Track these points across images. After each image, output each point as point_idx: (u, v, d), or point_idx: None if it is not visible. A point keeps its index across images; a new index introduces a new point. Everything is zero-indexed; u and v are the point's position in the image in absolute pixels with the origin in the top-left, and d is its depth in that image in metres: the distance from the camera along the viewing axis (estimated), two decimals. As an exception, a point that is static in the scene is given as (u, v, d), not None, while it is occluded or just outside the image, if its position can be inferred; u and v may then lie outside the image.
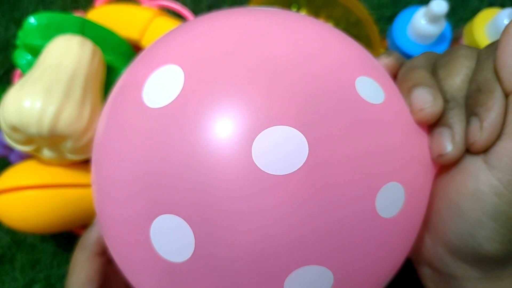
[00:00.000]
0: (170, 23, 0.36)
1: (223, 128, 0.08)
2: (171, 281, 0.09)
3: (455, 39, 0.38)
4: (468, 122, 0.18)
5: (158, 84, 0.09)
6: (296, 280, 0.08)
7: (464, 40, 0.36)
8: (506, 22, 0.33)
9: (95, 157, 0.11)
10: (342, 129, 0.09)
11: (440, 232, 0.19)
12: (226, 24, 0.10)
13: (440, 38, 0.35)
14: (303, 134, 0.08)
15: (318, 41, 0.10)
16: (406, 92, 0.18)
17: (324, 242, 0.08)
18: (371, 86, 0.10)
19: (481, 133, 0.17)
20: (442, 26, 0.33)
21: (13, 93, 0.25)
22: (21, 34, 0.32)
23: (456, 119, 0.18)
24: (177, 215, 0.08)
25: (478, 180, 0.17)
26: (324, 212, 0.08)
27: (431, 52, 0.21)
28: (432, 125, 0.18)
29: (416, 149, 0.12)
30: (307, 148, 0.08)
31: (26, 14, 0.43)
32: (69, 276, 0.22)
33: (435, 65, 0.20)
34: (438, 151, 0.18)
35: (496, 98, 0.17)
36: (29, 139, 0.27)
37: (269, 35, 0.09)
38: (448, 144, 0.17)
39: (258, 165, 0.08)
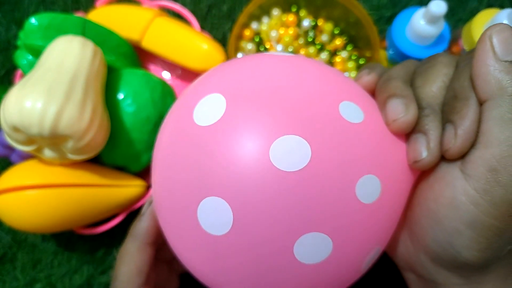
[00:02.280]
0: (170, 24, 0.36)
1: (252, 138, 0.12)
2: (213, 251, 0.12)
3: (454, 40, 0.38)
4: (443, 128, 0.18)
5: (206, 108, 0.12)
6: (303, 243, 0.12)
7: (463, 41, 0.36)
8: (505, 22, 0.33)
9: (156, 161, 0.14)
10: (331, 139, 0.12)
11: (420, 240, 0.19)
12: (257, 65, 0.13)
13: (439, 38, 0.35)
14: (307, 142, 0.12)
15: (317, 79, 0.14)
16: (382, 104, 0.19)
17: (322, 215, 0.12)
18: (352, 109, 0.13)
19: (455, 140, 0.17)
20: (441, 27, 0.34)
21: (15, 93, 0.25)
22: (22, 34, 0.32)
23: (432, 125, 0.18)
24: (220, 197, 0.11)
25: (455, 189, 0.17)
26: (321, 195, 0.12)
27: (411, 61, 0.21)
28: (410, 132, 0.18)
29: (392, 153, 0.15)
30: (310, 152, 0.12)
31: (27, 14, 0.43)
32: (118, 264, 0.22)
33: (415, 73, 0.20)
34: (413, 157, 0.18)
35: (471, 105, 0.17)
36: (30, 139, 0.27)
37: (285, 75, 0.13)
38: (423, 151, 0.18)
39: (274, 164, 0.11)
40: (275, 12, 0.40)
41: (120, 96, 0.31)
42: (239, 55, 0.38)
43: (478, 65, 0.17)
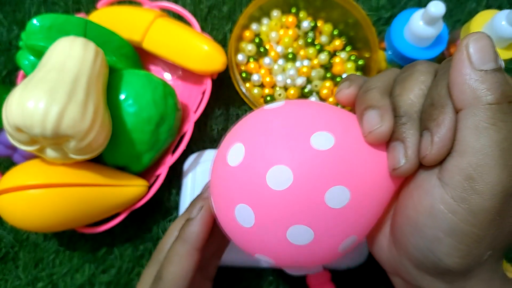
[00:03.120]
0: (171, 25, 0.36)
1: (256, 170, 0.18)
2: (246, 236, 0.19)
3: (452, 41, 0.38)
4: (421, 136, 0.18)
5: (234, 154, 0.19)
6: (292, 230, 0.18)
7: (461, 42, 0.36)
8: (503, 23, 0.33)
9: (211, 182, 0.21)
10: (305, 165, 0.17)
11: (403, 246, 0.20)
12: (261, 120, 0.19)
13: (437, 40, 0.35)
14: (290, 169, 0.17)
15: (298, 119, 0.18)
16: (360, 116, 0.20)
17: (303, 214, 0.17)
18: (323, 138, 0.18)
19: (431, 147, 0.17)
20: (440, 28, 0.34)
21: (17, 94, 0.26)
22: (24, 35, 0.32)
23: (409, 133, 0.18)
24: (246, 204, 0.18)
25: (433, 198, 0.18)
26: (300, 203, 0.17)
27: (392, 69, 0.21)
28: (389, 141, 0.19)
29: (365, 165, 0.18)
30: (292, 177, 0.17)
31: (28, 15, 0.44)
32: (166, 263, 0.23)
33: (394, 81, 0.20)
34: (392, 165, 0.19)
35: (447, 113, 0.17)
36: (32, 140, 0.27)
37: (276, 123, 0.18)
38: (402, 158, 0.18)
39: (268, 185, 0.17)
40: (275, 13, 0.40)
41: (122, 96, 0.32)
42: (239, 56, 0.38)
43: (455, 74, 0.17)
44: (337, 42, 0.40)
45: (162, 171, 0.35)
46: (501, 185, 0.16)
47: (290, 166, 0.17)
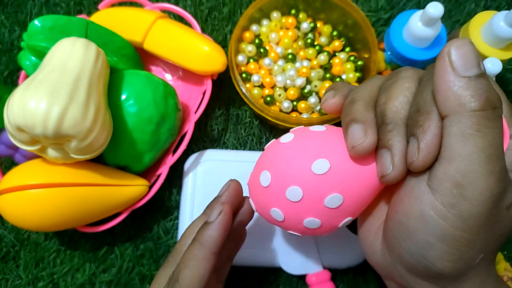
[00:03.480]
0: (172, 26, 0.36)
1: (281, 189, 0.23)
2: (280, 224, 0.25)
3: (451, 42, 0.38)
4: (408, 142, 0.18)
5: (264, 178, 0.24)
6: (307, 221, 0.24)
7: (460, 43, 0.37)
8: (502, 24, 0.33)
9: (250, 194, 0.27)
10: (309, 185, 0.22)
11: (396, 251, 0.20)
12: (277, 153, 0.24)
13: (436, 40, 0.36)
14: (300, 188, 0.22)
15: (304, 150, 0.23)
16: (345, 129, 0.20)
17: (313, 212, 0.23)
18: (320, 164, 0.22)
19: (418, 153, 0.17)
20: (438, 29, 0.34)
21: (18, 94, 0.26)
22: (25, 36, 0.32)
23: (394, 140, 0.18)
24: (277, 208, 0.24)
25: (423, 204, 0.18)
26: (309, 207, 0.23)
27: (377, 76, 0.22)
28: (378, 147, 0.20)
29: (355, 175, 0.22)
30: (302, 193, 0.22)
31: (30, 16, 0.44)
32: (182, 266, 0.23)
33: (380, 89, 0.20)
34: (380, 172, 0.19)
35: (432, 119, 0.17)
36: (34, 140, 0.27)
37: (289, 154, 0.24)
38: (389, 165, 0.19)
39: (288, 198, 0.23)
40: (275, 14, 0.40)
41: (123, 96, 0.32)
42: (240, 57, 0.39)
43: (438, 81, 0.17)
44: (337, 43, 0.40)
45: (163, 171, 0.35)
46: (489, 191, 0.17)
47: (299, 186, 0.22)
